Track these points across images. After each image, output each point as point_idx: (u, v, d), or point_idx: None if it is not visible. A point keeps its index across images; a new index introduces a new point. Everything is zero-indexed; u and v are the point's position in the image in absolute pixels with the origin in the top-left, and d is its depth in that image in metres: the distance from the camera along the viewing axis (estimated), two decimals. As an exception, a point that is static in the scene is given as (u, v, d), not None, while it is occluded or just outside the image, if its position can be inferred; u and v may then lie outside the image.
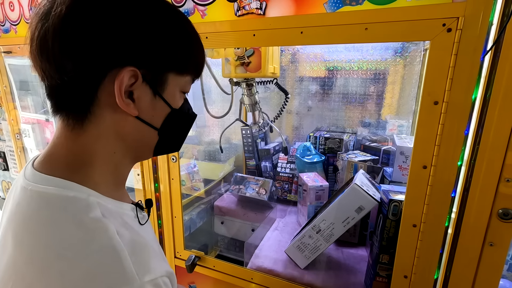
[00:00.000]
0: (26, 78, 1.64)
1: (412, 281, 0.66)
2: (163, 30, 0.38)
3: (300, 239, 0.89)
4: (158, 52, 0.38)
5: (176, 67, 0.41)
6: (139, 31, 0.36)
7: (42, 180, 0.37)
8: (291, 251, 0.92)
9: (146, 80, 0.38)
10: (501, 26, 0.50)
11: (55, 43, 0.33)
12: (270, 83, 1.20)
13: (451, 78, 0.54)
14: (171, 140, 0.47)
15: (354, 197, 0.80)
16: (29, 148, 1.62)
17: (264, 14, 0.67)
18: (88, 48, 0.34)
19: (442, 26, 0.52)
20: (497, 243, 0.56)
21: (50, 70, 0.35)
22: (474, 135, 0.55)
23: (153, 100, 0.40)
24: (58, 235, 0.34)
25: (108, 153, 0.40)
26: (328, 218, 0.84)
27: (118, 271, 0.33)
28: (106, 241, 0.35)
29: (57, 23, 0.33)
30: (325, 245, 0.85)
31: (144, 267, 0.36)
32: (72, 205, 0.36)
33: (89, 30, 0.34)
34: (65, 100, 0.37)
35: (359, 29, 0.58)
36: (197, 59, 0.44)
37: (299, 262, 0.90)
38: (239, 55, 0.98)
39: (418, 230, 0.63)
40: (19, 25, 1.06)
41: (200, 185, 1.36)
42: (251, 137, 1.40)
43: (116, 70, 0.36)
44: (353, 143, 1.29)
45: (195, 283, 1.01)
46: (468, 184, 0.57)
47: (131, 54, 0.36)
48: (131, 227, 0.41)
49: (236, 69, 1.01)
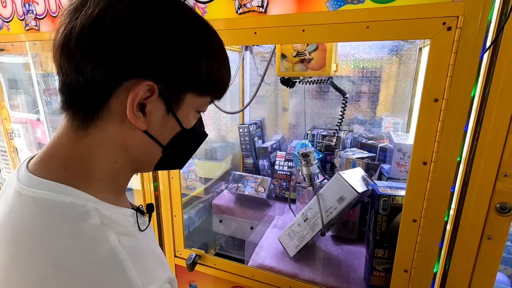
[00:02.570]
0: (16, 77, 1.60)
1: (412, 275, 0.68)
2: (191, 49, 0.36)
3: (290, 227, 0.91)
4: (181, 70, 0.36)
5: (197, 87, 0.39)
6: (166, 46, 0.34)
7: (37, 184, 0.35)
8: (282, 238, 0.95)
9: (162, 96, 0.37)
10: (499, 25, 0.51)
11: (79, 42, 0.33)
12: (325, 83, 1.07)
13: (451, 76, 0.55)
14: (174, 158, 0.46)
15: (335, 186, 0.82)
16: (19, 148, 1.59)
17: (265, 12, 0.67)
18: (110, 54, 0.33)
19: (442, 24, 0.54)
20: (494, 237, 0.58)
21: (68, 67, 0.34)
22: (473, 132, 0.57)
23: (165, 117, 0.39)
24: (56, 246, 0.32)
25: (109, 161, 0.39)
26: (313, 206, 0.85)
27: (123, 283, 0.32)
28: (107, 251, 0.33)
29: (85, 23, 0.32)
30: (311, 234, 0.86)
31: (149, 276, 0.35)
32: (69, 212, 0.34)
33: (115, 37, 0.32)
34: (75, 99, 0.36)
35: (361, 27, 0.59)
36: (221, 82, 0.42)
37: (289, 250, 0.92)
38: (299, 51, 0.88)
39: (418, 225, 0.64)
40: (11, 22, 1.03)
41: (196, 184, 1.36)
42: (248, 135, 1.40)
43: (134, 81, 0.34)
44: (350, 140, 1.31)
45: (196, 281, 1.01)
46: (467, 180, 0.58)
47: (153, 68, 0.35)
48: (132, 233, 0.39)
49: (294, 66, 0.91)
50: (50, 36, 0.36)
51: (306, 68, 0.90)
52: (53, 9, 0.93)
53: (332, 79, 1.05)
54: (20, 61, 1.45)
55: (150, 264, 0.38)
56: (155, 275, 0.37)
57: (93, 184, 0.37)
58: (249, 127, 1.40)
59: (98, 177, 0.38)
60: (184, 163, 0.49)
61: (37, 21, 0.97)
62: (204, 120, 0.48)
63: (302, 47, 0.87)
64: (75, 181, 0.36)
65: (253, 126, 1.43)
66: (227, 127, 1.60)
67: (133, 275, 0.33)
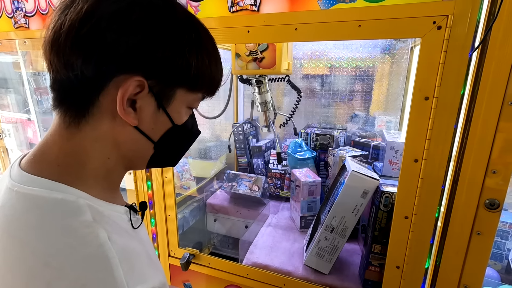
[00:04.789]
0: (5, 76, 1.57)
1: (404, 271, 0.69)
2: (181, 44, 0.36)
3: (316, 245, 0.86)
4: (171, 66, 0.36)
5: (188, 83, 0.39)
6: (154, 42, 0.34)
7: (29, 181, 0.35)
8: (310, 260, 0.88)
9: (153, 91, 0.37)
10: (488, 24, 0.52)
11: (68, 38, 0.33)
12: (282, 81, 1.13)
13: (441, 74, 0.56)
14: (167, 155, 0.45)
15: (356, 183, 0.79)
16: (9, 148, 1.56)
17: (258, 11, 0.67)
18: (99, 50, 0.33)
19: (432, 23, 0.54)
20: (484, 232, 0.59)
21: (58, 64, 0.34)
22: (463, 129, 0.58)
23: (155, 113, 0.39)
24: (45, 241, 0.32)
25: (102, 157, 0.39)
26: (337, 213, 0.82)
27: (107, 281, 0.32)
28: (96, 248, 0.33)
29: (74, 19, 0.32)
30: (342, 241, 0.83)
31: (136, 277, 0.35)
32: (60, 208, 0.34)
33: (103, 33, 0.32)
34: (66, 95, 0.36)
35: (353, 26, 0.59)
36: (213, 78, 0.42)
37: (323, 269, 0.87)
38: (251, 50, 0.91)
39: (410, 221, 0.65)
40: (0, 19, 1.01)
41: (190, 184, 1.35)
42: (242, 134, 1.40)
43: (124, 77, 0.34)
44: (343, 139, 1.32)
45: (190, 281, 1.01)
46: (457, 177, 0.59)
47: (142, 64, 0.35)
48: (125, 231, 0.39)
49: (248, 65, 0.94)
50: (41, 34, 0.36)
51: (259, 67, 0.94)
52: (43, 7, 0.91)
53: (289, 77, 1.12)
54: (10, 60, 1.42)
55: (140, 265, 0.37)
56: (145, 276, 0.37)
57: (86, 181, 0.37)
58: (243, 126, 1.40)
59: (91, 174, 0.38)
60: (177, 160, 0.49)
61: (26, 18, 0.96)
62: (197, 119, 0.48)
63: (254, 47, 0.91)
64: (68, 178, 0.36)
65: (247, 125, 1.43)
66: (221, 126, 1.59)
67: (119, 274, 0.33)
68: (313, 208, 1.09)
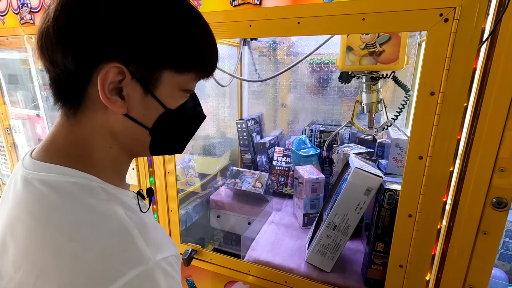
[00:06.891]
0: (15, 72, 1.59)
1: (407, 270, 0.67)
2: (158, 24, 0.35)
3: (318, 242, 0.85)
4: (151, 48, 0.35)
5: (174, 64, 0.38)
6: (128, 24, 0.34)
7: (42, 168, 0.37)
8: (312, 258, 0.87)
9: (136, 77, 0.36)
10: (497, 16, 0.50)
11: (48, 35, 0.34)
12: (387, 77, 0.95)
13: (448, 69, 0.54)
14: (168, 141, 0.45)
15: (359, 181, 0.77)
16: (19, 144, 1.59)
17: (260, 4, 0.66)
18: (74, 42, 0.34)
19: (439, 16, 0.52)
20: (490, 232, 0.57)
21: (45, 62, 0.36)
22: (470, 126, 0.56)
23: (144, 99, 0.38)
24: (68, 219, 0.34)
25: (104, 147, 0.40)
26: (340, 211, 0.80)
27: (132, 250, 0.34)
28: (116, 222, 0.35)
29: (52, 15, 0.34)
30: (345, 239, 0.82)
31: (156, 246, 0.37)
32: (76, 190, 0.36)
33: (76, 25, 0.33)
34: (60, 90, 0.38)
35: (357, 19, 0.58)
36: (203, 56, 0.40)
37: (325, 266, 0.86)
38: (368, 43, 0.79)
39: (414, 220, 0.63)
40: (6, 15, 1.03)
41: (195, 180, 1.35)
42: (246, 131, 1.40)
43: (104, 65, 0.35)
44: (348, 136, 1.30)
45: (192, 276, 1.01)
46: (463, 174, 0.57)
47: (118, 50, 0.34)
48: (137, 211, 0.41)
49: (362, 59, 0.82)
50: None
51: (376, 62, 0.81)
52: (48, 3, 0.92)
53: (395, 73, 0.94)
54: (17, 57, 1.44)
55: (156, 236, 0.39)
56: (162, 246, 0.38)
57: (95, 168, 0.39)
58: (247, 122, 1.39)
59: (98, 163, 0.40)
60: (182, 146, 0.48)
61: (32, 14, 0.97)
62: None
63: (372, 38, 0.79)
64: (77, 165, 0.38)
65: (251, 121, 1.43)
66: (225, 123, 1.59)
67: (142, 243, 0.35)
68: (316, 205, 1.07)
